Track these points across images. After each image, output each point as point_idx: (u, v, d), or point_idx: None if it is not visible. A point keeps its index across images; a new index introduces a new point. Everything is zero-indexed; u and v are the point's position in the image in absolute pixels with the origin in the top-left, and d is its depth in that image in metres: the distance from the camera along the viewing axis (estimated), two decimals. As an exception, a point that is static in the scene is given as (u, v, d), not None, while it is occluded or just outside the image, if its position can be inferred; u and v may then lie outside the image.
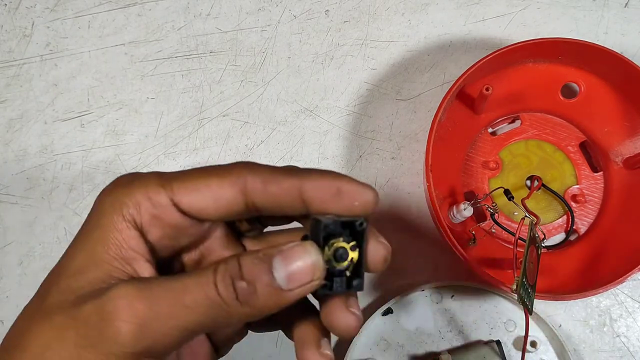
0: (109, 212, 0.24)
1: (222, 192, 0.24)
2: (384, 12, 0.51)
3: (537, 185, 0.44)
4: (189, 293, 0.22)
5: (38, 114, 0.49)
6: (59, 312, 0.22)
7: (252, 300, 0.22)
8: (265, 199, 0.24)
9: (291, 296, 0.22)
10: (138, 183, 0.24)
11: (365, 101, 0.49)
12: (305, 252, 0.22)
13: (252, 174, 0.24)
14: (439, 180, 0.43)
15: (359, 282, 0.24)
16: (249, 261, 0.22)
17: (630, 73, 0.43)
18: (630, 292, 0.45)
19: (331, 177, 0.24)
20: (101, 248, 0.23)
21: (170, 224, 0.24)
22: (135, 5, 0.51)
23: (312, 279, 0.22)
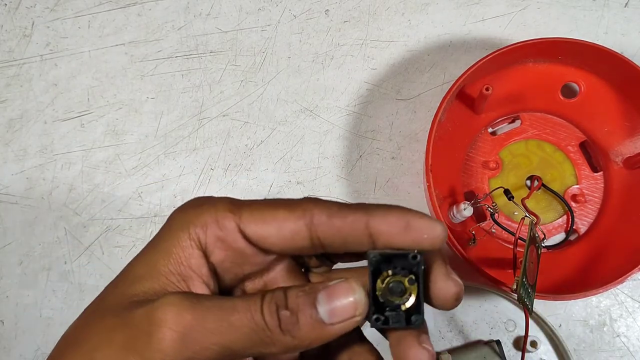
0: (176, 229, 0.24)
1: (287, 224, 0.24)
2: (384, 12, 0.51)
3: (537, 185, 0.44)
4: (236, 313, 0.22)
5: (38, 114, 0.49)
6: (112, 315, 0.23)
7: (294, 330, 0.22)
8: (330, 233, 0.24)
9: (333, 330, 0.22)
10: (208, 206, 0.25)
11: (365, 101, 0.49)
12: (349, 289, 0.23)
13: (319, 209, 0.24)
14: (439, 180, 0.43)
15: (417, 318, 0.23)
16: (294, 293, 0.23)
17: (630, 73, 0.43)
18: (630, 292, 0.45)
19: (399, 211, 0.24)
20: (162, 261, 0.24)
21: (234, 249, 0.25)
22: (135, 5, 0.51)
23: (354, 315, 0.22)
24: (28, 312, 0.45)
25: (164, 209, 0.47)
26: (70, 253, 0.46)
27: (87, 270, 0.46)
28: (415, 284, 0.23)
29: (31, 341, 0.45)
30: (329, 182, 0.47)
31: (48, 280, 0.46)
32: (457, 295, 0.24)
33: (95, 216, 0.47)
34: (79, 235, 0.47)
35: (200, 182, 0.48)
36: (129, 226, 0.47)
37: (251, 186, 0.47)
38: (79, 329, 0.25)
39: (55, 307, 0.46)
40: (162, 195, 0.47)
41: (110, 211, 0.47)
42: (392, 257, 0.23)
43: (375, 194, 0.47)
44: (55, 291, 0.46)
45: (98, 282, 0.46)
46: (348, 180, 0.47)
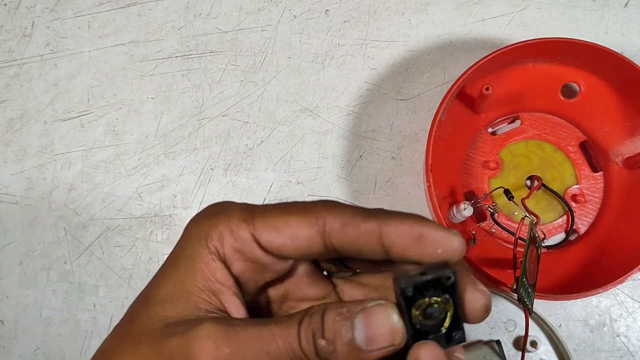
0: (195, 243, 0.24)
1: (300, 232, 0.23)
2: (384, 12, 0.51)
3: (537, 185, 0.44)
4: (274, 342, 0.22)
5: (38, 114, 0.49)
6: (146, 341, 0.23)
7: (331, 358, 0.22)
8: (343, 241, 0.23)
9: (370, 357, 0.22)
10: (222, 216, 0.24)
11: (365, 101, 0.49)
12: (386, 316, 0.22)
13: (332, 215, 0.23)
14: (439, 180, 0.43)
15: (460, 334, 0.23)
16: (332, 318, 0.22)
17: (630, 73, 0.43)
18: (630, 292, 0.45)
19: (413, 221, 0.23)
20: (189, 280, 0.24)
21: (252, 259, 0.24)
22: (135, 5, 0.51)
23: (391, 344, 0.22)
24: (28, 312, 0.45)
25: (164, 209, 0.47)
26: (70, 253, 0.46)
27: (87, 270, 0.46)
28: (449, 303, 0.22)
29: (31, 341, 0.45)
30: (329, 182, 0.47)
31: (48, 280, 0.46)
32: (486, 307, 0.23)
33: (95, 216, 0.47)
34: (79, 235, 0.47)
35: (200, 182, 0.48)
36: (128, 226, 0.47)
37: (251, 186, 0.47)
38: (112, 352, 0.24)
39: (55, 307, 0.46)
40: (162, 195, 0.47)
41: (110, 211, 0.47)
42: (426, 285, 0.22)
43: (375, 194, 0.47)
44: (55, 291, 0.46)
45: (98, 282, 0.46)
46: (348, 180, 0.47)
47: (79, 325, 0.45)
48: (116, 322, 0.24)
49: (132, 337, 0.23)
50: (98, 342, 0.46)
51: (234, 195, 0.47)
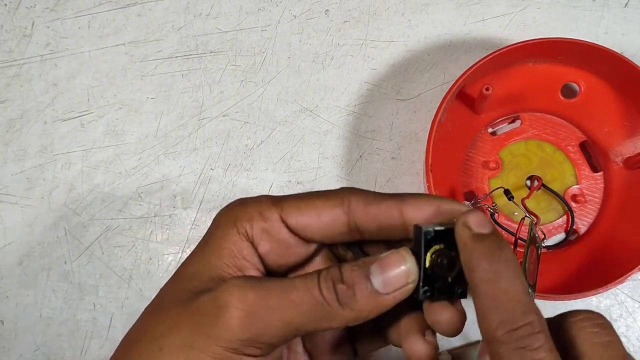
0: (224, 226, 0.26)
1: (325, 211, 0.25)
2: (384, 12, 0.51)
3: (537, 185, 0.44)
4: (296, 290, 0.23)
5: (38, 114, 0.49)
6: (174, 307, 0.25)
7: (351, 302, 0.23)
8: (366, 219, 0.25)
9: (388, 300, 0.24)
10: (251, 201, 0.26)
11: (365, 101, 0.49)
12: (400, 258, 0.24)
13: (356, 197, 0.25)
14: (439, 180, 0.43)
15: (462, 289, 0.24)
16: (349, 268, 0.24)
17: (630, 73, 0.43)
18: (630, 292, 0.45)
19: (430, 197, 0.25)
20: (216, 257, 0.26)
21: (278, 239, 0.26)
22: (135, 5, 0.51)
23: (406, 282, 0.24)
24: (28, 312, 0.45)
25: (164, 209, 0.47)
26: (70, 253, 0.46)
27: (87, 270, 0.46)
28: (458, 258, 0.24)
29: (31, 341, 0.45)
30: (329, 182, 0.47)
31: (48, 280, 0.46)
32: None
33: (95, 216, 0.47)
34: (79, 235, 0.47)
35: (200, 182, 0.48)
36: (129, 226, 0.47)
37: (251, 186, 0.47)
38: (142, 326, 0.26)
39: (55, 307, 0.46)
40: (162, 195, 0.47)
41: (110, 211, 0.47)
42: (442, 233, 0.24)
43: (375, 194, 0.47)
44: (55, 291, 0.46)
45: (98, 282, 0.46)
46: (348, 181, 0.47)
47: (79, 325, 0.45)
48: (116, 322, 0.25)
49: (162, 309, 0.25)
50: (98, 342, 0.46)
51: (234, 196, 0.47)
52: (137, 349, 0.24)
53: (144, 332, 0.25)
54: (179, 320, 0.24)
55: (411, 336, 0.26)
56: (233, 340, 0.23)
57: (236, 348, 0.23)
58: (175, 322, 0.24)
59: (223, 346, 0.23)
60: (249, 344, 0.23)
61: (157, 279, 0.46)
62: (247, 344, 0.23)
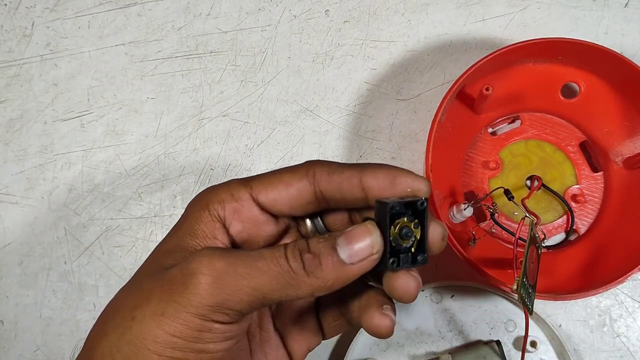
0: (197, 209, 0.27)
1: (292, 183, 0.27)
2: (384, 12, 0.51)
3: (537, 185, 0.44)
4: (263, 259, 0.24)
5: (38, 114, 0.49)
6: (147, 280, 0.26)
7: (317, 271, 0.24)
8: (330, 187, 0.27)
9: (353, 269, 0.25)
10: (222, 185, 0.28)
11: (365, 101, 0.49)
12: (366, 231, 0.25)
13: (319, 167, 0.27)
14: (439, 180, 0.43)
15: (423, 256, 0.26)
16: (316, 240, 0.25)
17: (630, 73, 0.43)
18: (630, 292, 0.45)
19: (388, 168, 0.27)
20: (187, 237, 0.27)
21: (249, 217, 0.27)
22: (135, 5, 0.51)
23: (371, 253, 0.25)
24: (28, 312, 0.45)
25: (164, 209, 0.47)
26: (70, 253, 0.46)
27: (87, 270, 0.46)
28: (419, 228, 0.26)
29: (31, 341, 0.45)
30: (329, 182, 0.47)
31: (48, 280, 0.46)
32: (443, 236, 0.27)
33: (95, 216, 0.47)
34: (79, 235, 0.47)
35: (200, 182, 0.48)
36: (129, 226, 0.47)
37: (251, 186, 0.47)
38: (117, 301, 0.27)
39: (55, 307, 0.46)
40: (162, 195, 0.47)
41: (110, 211, 0.47)
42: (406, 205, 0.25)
43: (375, 194, 0.47)
44: (55, 291, 0.46)
45: (98, 282, 0.46)
46: (348, 180, 0.47)
47: (79, 325, 0.45)
48: None
49: (135, 284, 0.26)
50: (98, 342, 0.45)
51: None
52: (112, 322, 0.25)
53: (118, 306, 0.26)
54: (151, 291, 0.25)
55: (369, 311, 0.27)
56: (201, 306, 0.23)
57: (204, 314, 0.24)
58: (147, 293, 0.25)
59: (192, 312, 0.23)
60: (217, 310, 0.24)
61: (157, 279, 0.46)
62: (215, 309, 0.24)
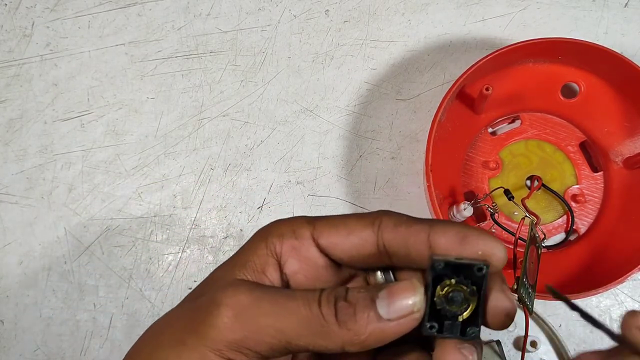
0: (256, 241, 0.26)
1: (357, 230, 0.25)
2: (384, 12, 0.51)
3: (537, 185, 0.44)
4: (293, 300, 0.23)
5: (38, 114, 0.49)
6: (178, 307, 0.25)
7: (350, 322, 0.22)
8: (395, 240, 0.24)
9: (391, 327, 0.22)
10: (288, 220, 0.26)
11: (365, 101, 0.49)
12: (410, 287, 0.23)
13: (387, 217, 0.25)
14: (439, 180, 0.43)
15: (473, 330, 0.22)
16: (356, 289, 0.23)
17: (630, 73, 0.43)
18: (630, 292, 0.45)
19: (460, 226, 0.24)
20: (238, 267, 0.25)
21: (306, 258, 0.25)
22: (135, 5, 0.51)
23: (412, 311, 0.22)
24: (28, 312, 0.45)
25: (164, 209, 0.47)
26: (70, 253, 0.46)
27: (87, 270, 0.46)
28: (475, 296, 0.22)
29: (31, 341, 0.45)
30: (329, 182, 0.47)
31: (48, 280, 0.46)
32: (509, 313, 0.23)
33: (95, 216, 0.47)
34: (79, 235, 0.47)
35: (200, 182, 0.48)
36: (129, 226, 0.47)
37: (251, 186, 0.47)
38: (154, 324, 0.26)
39: (55, 307, 0.46)
40: (162, 195, 0.47)
41: (110, 211, 0.47)
42: (456, 267, 0.22)
43: (375, 194, 0.47)
44: (55, 291, 0.46)
45: (98, 282, 0.46)
46: (348, 180, 0.47)
47: (79, 325, 0.45)
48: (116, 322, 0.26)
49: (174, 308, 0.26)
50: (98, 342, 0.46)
51: (233, 195, 0.47)
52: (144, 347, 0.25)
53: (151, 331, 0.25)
54: (178, 318, 0.24)
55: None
56: (218, 341, 0.22)
57: (221, 350, 0.22)
58: (174, 319, 0.24)
59: (209, 347, 0.22)
60: (235, 348, 0.22)
61: (157, 278, 0.46)
62: (233, 346, 0.22)
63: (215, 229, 0.47)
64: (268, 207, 0.47)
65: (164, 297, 0.46)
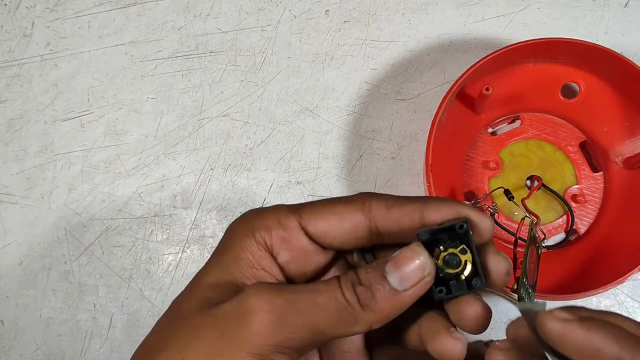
0: (241, 235, 0.25)
1: (347, 216, 0.25)
2: (384, 12, 0.51)
3: (537, 185, 0.44)
4: (321, 294, 0.23)
5: (38, 114, 0.49)
6: (197, 315, 0.24)
7: (372, 303, 0.23)
8: (388, 222, 0.25)
9: (407, 296, 0.23)
10: (269, 210, 0.26)
11: (365, 101, 0.49)
12: (413, 253, 0.23)
13: (376, 201, 0.25)
14: (439, 180, 0.43)
15: (478, 280, 0.24)
16: (364, 270, 0.24)
17: (630, 73, 0.43)
18: (630, 292, 0.45)
19: (451, 203, 0.25)
20: (234, 266, 0.25)
21: (297, 247, 0.26)
22: (135, 5, 0.51)
23: (423, 276, 0.23)
24: (28, 312, 0.45)
25: (164, 209, 0.47)
26: (70, 253, 0.46)
27: (87, 270, 0.46)
28: (467, 253, 0.24)
29: (31, 341, 0.45)
30: (329, 182, 0.47)
31: (48, 280, 0.46)
32: (507, 270, 0.25)
33: (95, 216, 0.47)
34: (79, 235, 0.47)
35: (200, 182, 0.48)
36: (129, 226, 0.47)
37: (251, 186, 0.47)
38: (161, 335, 0.25)
39: (55, 307, 0.46)
40: (162, 195, 0.47)
41: (110, 211, 0.47)
42: (440, 232, 0.24)
43: (375, 194, 0.47)
44: (55, 291, 0.46)
45: (98, 281, 0.46)
46: (348, 180, 0.47)
47: (79, 325, 0.45)
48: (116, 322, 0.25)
49: (181, 318, 0.24)
50: (98, 342, 0.46)
51: (234, 195, 0.47)
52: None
53: (164, 342, 0.24)
54: (203, 329, 0.23)
55: (438, 335, 0.25)
56: (261, 346, 0.22)
57: (263, 354, 0.23)
58: (197, 331, 0.23)
59: (250, 352, 0.22)
60: (277, 350, 0.23)
61: (157, 278, 0.46)
62: (274, 349, 0.23)
63: (215, 229, 0.47)
64: (268, 207, 0.47)
65: (164, 297, 0.46)
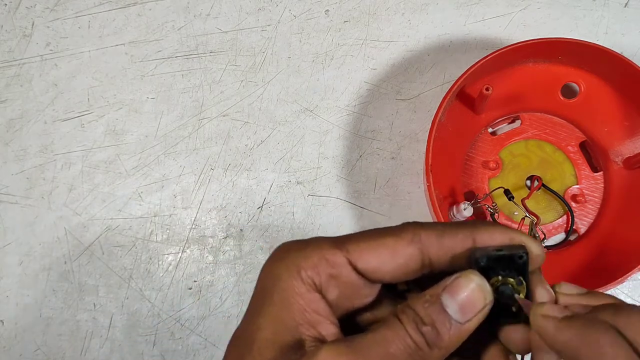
0: (286, 277, 0.24)
1: (399, 250, 0.24)
2: (384, 12, 0.51)
3: (537, 185, 0.44)
4: (391, 343, 0.22)
5: (38, 114, 0.49)
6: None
7: (438, 341, 0.22)
8: (441, 252, 0.24)
9: (469, 327, 0.23)
10: (311, 245, 0.24)
11: (365, 101, 0.49)
12: (468, 280, 0.23)
13: (425, 230, 0.24)
14: (439, 180, 0.43)
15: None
16: (421, 305, 0.23)
17: (630, 73, 0.43)
18: (630, 292, 0.45)
19: (503, 228, 0.24)
20: (286, 315, 0.24)
21: (346, 283, 0.24)
22: (135, 5, 0.51)
23: (484, 305, 0.23)
24: (28, 312, 0.45)
25: (164, 209, 0.47)
26: (70, 253, 0.46)
27: (87, 270, 0.46)
28: (523, 285, 0.23)
29: (31, 341, 0.45)
30: (329, 182, 0.47)
31: (48, 280, 0.46)
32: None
33: (95, 216, 0.47)
34: (79, 235, 0.47)
35: (200, 182, 0.48)
36: (129, 226, 0.47)
37: (251, 186, 0.47)
38: None
39: (55, 307, 0.46)
40: (162, 195, 0.47)
41: (110, 211, 0.47)
42: (499, 259, 0.23)
43: (375, 194, 0.47)
44: (55, 291, 0.46)
45: (98, 281, 0.46)
46: (348, 180, 0.47)
47: (79, 325, 0.45)
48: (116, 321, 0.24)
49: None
50: (98, 342, 0.46)
51: (233, 195, 0.47)
52: None
53: None
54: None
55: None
56: None
57: None
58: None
59: None
60: None
61: (157, 278, 0.46)
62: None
63: (215, 229, 0.47)
64: (268, 207, 0.47)
65: (164, 297, 0.46)
